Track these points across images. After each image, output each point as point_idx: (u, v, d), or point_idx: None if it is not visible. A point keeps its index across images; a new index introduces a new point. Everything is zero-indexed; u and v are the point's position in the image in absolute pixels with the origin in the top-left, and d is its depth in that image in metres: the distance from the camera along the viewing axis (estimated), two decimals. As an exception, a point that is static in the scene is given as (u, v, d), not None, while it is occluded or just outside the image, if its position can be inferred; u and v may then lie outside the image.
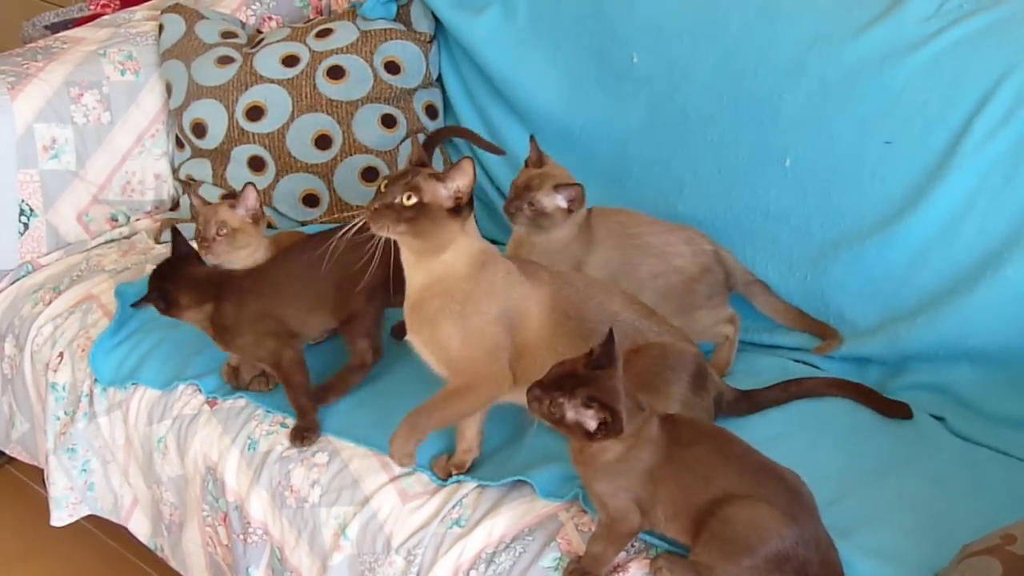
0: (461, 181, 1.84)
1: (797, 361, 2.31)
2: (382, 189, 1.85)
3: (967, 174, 2.13)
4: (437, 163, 2.80)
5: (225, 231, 2.16)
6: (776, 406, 2.10)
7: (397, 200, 1.82)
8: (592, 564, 1.77)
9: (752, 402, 2.09)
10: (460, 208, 1.85)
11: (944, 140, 2.15)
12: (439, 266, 1.88)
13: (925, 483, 1.93)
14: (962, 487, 1.93)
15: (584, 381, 1.63)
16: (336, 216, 2.79)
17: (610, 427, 1.62)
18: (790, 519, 1.63)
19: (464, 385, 1.93)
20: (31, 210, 2.72)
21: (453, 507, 1.95)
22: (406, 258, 1.90)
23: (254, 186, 2.20)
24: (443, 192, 1.84)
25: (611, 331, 1.66)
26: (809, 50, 2.29)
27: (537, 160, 2.29)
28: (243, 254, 2.19)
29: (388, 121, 2.83)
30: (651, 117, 2.53)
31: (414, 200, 1.82)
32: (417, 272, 1.90)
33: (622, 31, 2.55)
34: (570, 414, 1.63)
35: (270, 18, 3.13)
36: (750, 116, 2.37)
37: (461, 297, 1.87)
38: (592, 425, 1.63)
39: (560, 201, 2.17)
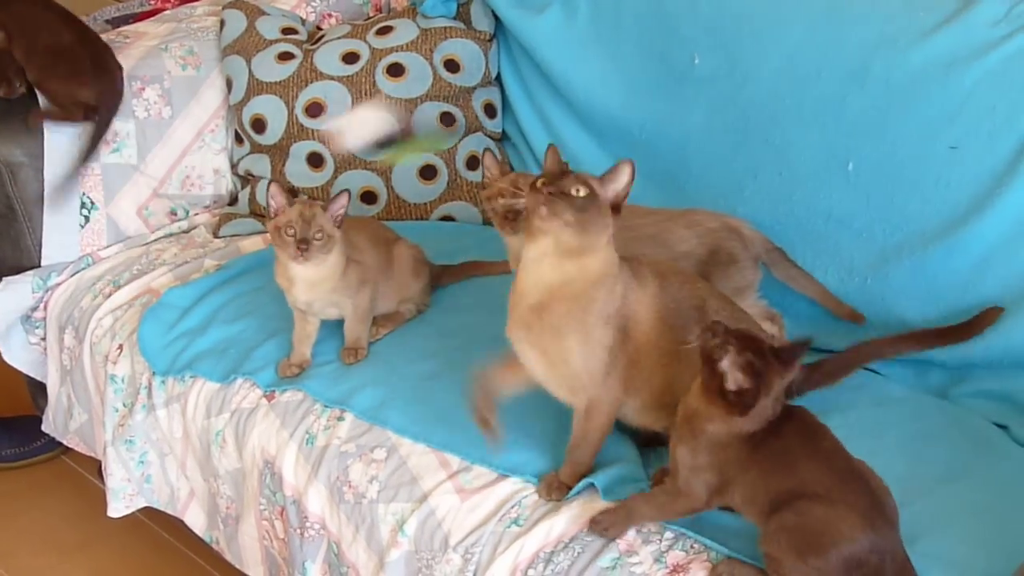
0: (620, 183, 1.81)
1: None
2: (539, 185, 1.79)
3: (1035, 181, 2.10)
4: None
5: (322, 236, 2.15)
6: (851, 371, 2.10)
7: (570, 189, 1.77)
8: (624, 519, 1.80)
9: (823, 372, 2.07)
10: (619, 207, 1.82)
11: (1011, 146, 2.12)
12: (575, 268, 1.81)
13: (989, 491, 1.90)
14: (1026, 495, 1.91)
15: (759, 353, 1.63)
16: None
17: (740, 399, 1.63)
18: (867, 524, 1.61)
19: (588, 403, 1.88)
20: (92, 203, 2.75)
21: (512, 506, 1.94)
22: (537, 255, 1.82)
23: (349, 193, 2.19)
24: (606, 192, 1.81)
25: (808, 339, 1.68)
26: (874, 53, 2.27)
27: (554, 167, 2.25)
28: (329, 259, 2.19)
29: (447, 119, 2.84)
30: (712, 119, 2.51)
31: (585, 192, 1.77)
32: (551, 270, 1.81)
33: (684, 32, 2.54)
34: (726, 362, 1.63)
35: (330, 15, 3.14)
36: (813, 119, 2.35)
37: (587, 304, 1.81)
38: (732, 385, 1.63)
39: None
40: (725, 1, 2.48)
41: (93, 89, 2.70)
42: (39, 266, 2.73)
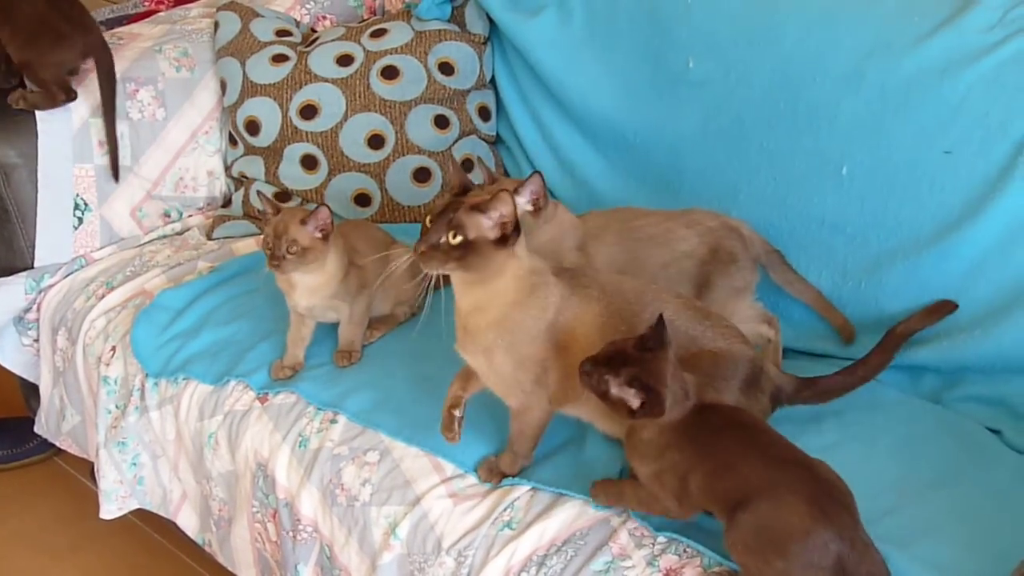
0: (504, 209, 1.82)
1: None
2: (427, 225, 1.83)
3: (1028, 186, 2.10)
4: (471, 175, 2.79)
5: (295, 250, 2.15)
6: (844, 393, 2.06)
7: (443, 240, 1.81)
8: (615, 497, 1.88)
9: (816, 390, 2.04)
10: (507, 236, 1.83)
11: (1005, 151, 2.12)
12: (488, 292, 1.87)
13: (981, 496, 1.91)
14: (1019, 501, 1.90)
15: (631, 361, 1.69)
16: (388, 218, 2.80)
17: (651, 407, 1.68)
18: (818, 512, 1.60)
19: (520, 407, 1.96)
20: (86, 204, 2.75)
21: (505, 509, 1.94)
22: (456, 282, 1.89)
23: (328, 207, 2.19)
24: (487, 223, 1.82)
25: (661, 316, 1.72)
26: (868, 58, 2.27)
27: (489, 179, 2.27)
28: (312, 268, 2.19)
29: (441, 122, 2.84)
30: (706, 123, 2.51)
31: (459, 239, 1.80)
32: (466, 296, 1.89)
33: (678, 36, 2.54)
34: (614, 391, 1.69)
35: (324, 17, 3.14)
36: (807, 124, 2.35)
37: (511, 326, 1.86)
38: (635, 403, 1.68)
39: (524, 204, 2.13)
40: (719, 5, 2.48)
41: (78, 47, 2.72)
42: (32, 267, 2.72)
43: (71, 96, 2.71)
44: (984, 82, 2.15)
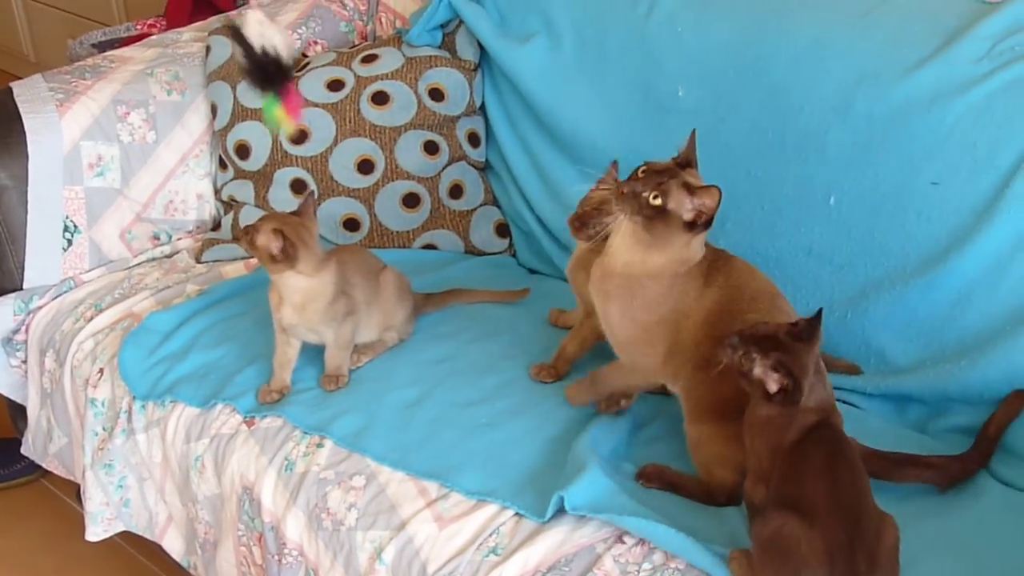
0: (708, 201, 1.90)
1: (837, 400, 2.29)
2: (639, 174, 1.93)
3: (1015, 217, 2.10)
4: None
5: (249, 239, 2.19)
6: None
7: (645, 194, 1.89)
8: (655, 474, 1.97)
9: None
10: (696, 224, 1.91)
11: (992, 182, 2.13)
12: (639, 257, 1.96)
13: (967, 528, 1.91)
14: (1005, 533, 1.90)
15: (781, 346, 1.72)
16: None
17: (789, 395, 1.72)
18: (828, 560, 1.62)
19: (625, 363, 2.08)
20: (75, 227, 2.75)
21: (490, 535, 1.94)
22: (625, 231, 1.95)
23: (282, 232, 2.18)
24: (688, 205, 1.90)
25: (820, 310, 1.76)
26: (856, 88, 2.28)
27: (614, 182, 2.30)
28: (317, 281, 2.23)
29: (431, 148, 2.84)
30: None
31: (659, 202, 1.89)
32: (623, 250, 1.97)
33: (668, 65, 2.56)
34: (758, 371, 1.72)
35: (316, 42, 3.15)
36: (795, 153, 2.36)
37: (637, 289, 1.97)
38: (773, 388, 1.72)
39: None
40: (709, 34, 2.50)
41: None
42: (21, 288, 2.72)
43: None
44: (972, 113, 2.16)
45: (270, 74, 2.28)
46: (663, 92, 2.57)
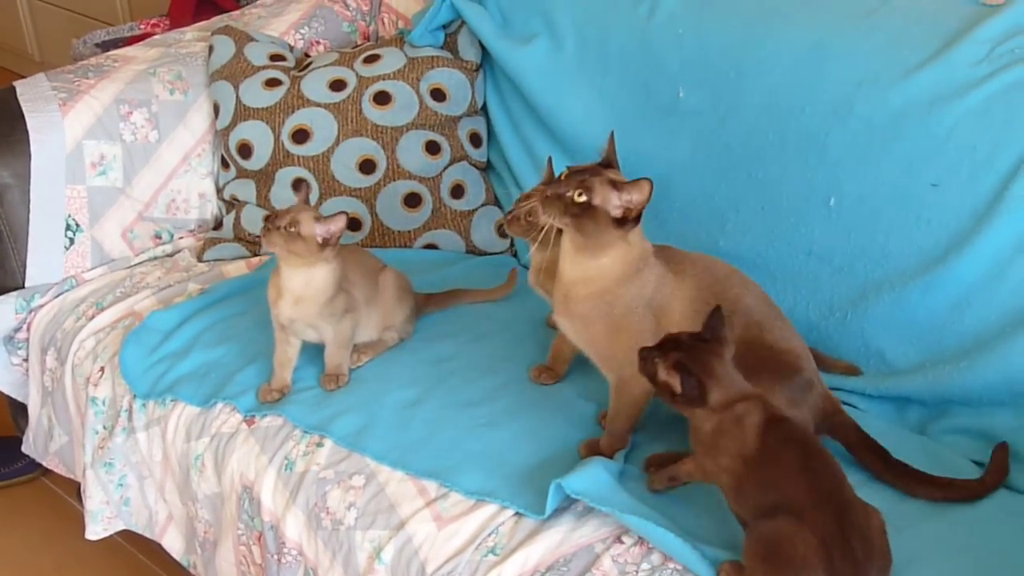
0: (636, 195, 1.93)
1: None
2: (562, 177, 1.95)
3: (1014, 219, 2.11)
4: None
5: (293, 231, 2.15)
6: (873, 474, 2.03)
7: (568, 194, 1.91)
8: (684, 473, 1.90)
9: (857, 447, 2.04)
10: (627, 220, 1.92)
11: (992, 184, 2.14)
12: (594, 267, 1.97)
13: (966, 529, 1.91)
14: (1004, 534, 1.90)
15: (681, 348, 1.77)
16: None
17: (693, 393, 1.76)
18: (825, 554, 1.63)
19: (618, 381, 2.04)
20: (77, 225, 2.75)
21: (489, 534, 1.94)
22: (565, 247, 1.99)
23: (346, 214, 2.20)
24: (615, 201, 1.92)
25: (717, 308, 1.81)
26: (857, 91, 2.29)
27: (550, 179, 2.31)
28: (293, 261, 2.19)
29: (432, 148, 2.85)
30: (696, 152, 2.53)
31: (583, 199, 1.91)
32: (572, 265, 1.99)
33: (669, 66, 2.56)
34: (661, 374, 1.77)
35: (318, 42, 3.15)
36: (796, 155, 2.37)
37: (612, 299, 1.96)
38: (678, 388, 1.76)
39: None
40: (710, 36, 2.51)
41: None
42: (23, 287, 2.73)
43: None
44: (972, 116, 2.17)
45: None
46: (664, 93, 2.58)
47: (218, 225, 2.94)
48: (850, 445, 2.05)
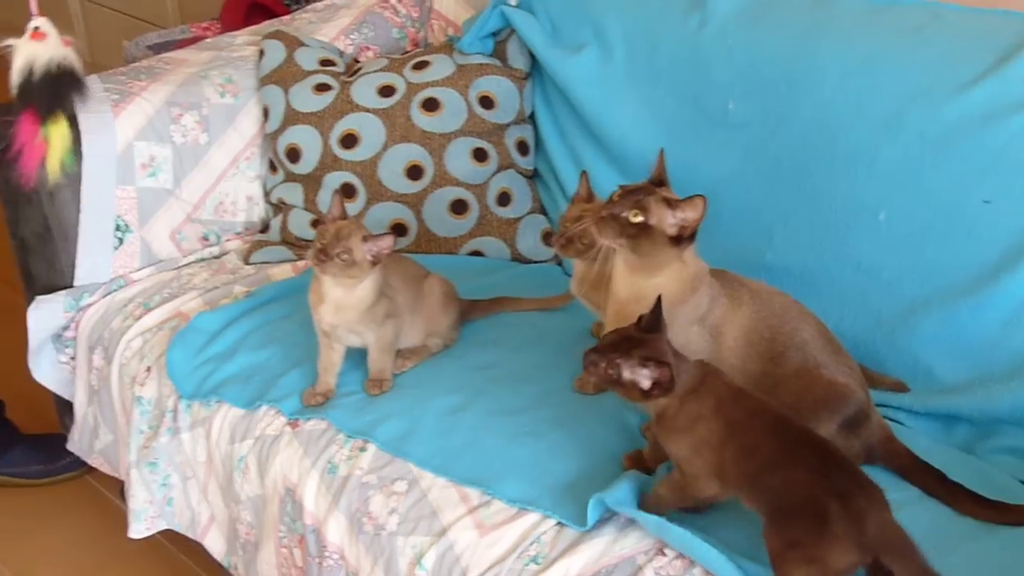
0: (691, 213, 1.92)
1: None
2: (615, 198, 1.94)
3: (1069, 238, 2.09)
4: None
5: (346, 258, 2.15)
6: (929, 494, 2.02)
7: (624, 214, 1.91)
8: (654, 502, 1.89)
9: (911, 471, 2.04)
10: (682, 238, 1.92)
11: (1046, 202, 2.12)
12: (649, 286, 1.95)
13: (1013, 550, 1.89)
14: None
15: (638, 343, 1.78)
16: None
17: (663, 384, 1.76)
18: (839, 503, 1.65)
19: None
20: (126, 226, 2.77)
21: (531, 543, 1.94)
22: (619, 267, 2.00)
23: (394, 239, 2.20)
24: (670, 219, 1.92)
25: (659, 298, 1.81)
26: (909, 105, 2.27)
27: (587, 196, 2.30)
28: (348, 283, 2.20)
29: (480, 155, 2.85)
30: (744, 165, 2.52)
31: (640, 219, 1.91)
32: (626, 284, 2.00)
33: (719, 77, 2.55)
34: (627, 373, 1.77)
35: (368, 48, 3.17)
36: (845, 168, 2.35)
37: (668, 319, 1.91)
38: (646, 383, 1.77)
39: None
40: (760, 48, 2.49)
41: None
42: (72, 286, 2.75)
43: None
44: (1025, 132, 2.15)
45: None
46: (713, 105, 2.57)
47: (265, 228, 2.95)
48: (904, 470, 2.04)
